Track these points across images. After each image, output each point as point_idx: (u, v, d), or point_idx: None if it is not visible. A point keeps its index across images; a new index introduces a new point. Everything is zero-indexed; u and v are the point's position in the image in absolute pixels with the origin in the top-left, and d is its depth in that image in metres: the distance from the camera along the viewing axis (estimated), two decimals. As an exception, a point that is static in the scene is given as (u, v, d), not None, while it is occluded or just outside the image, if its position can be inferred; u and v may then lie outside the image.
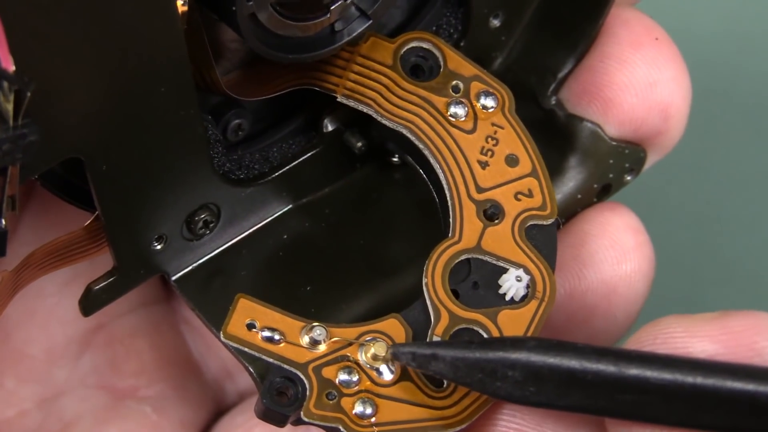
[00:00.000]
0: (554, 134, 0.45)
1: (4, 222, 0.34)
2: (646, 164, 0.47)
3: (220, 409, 0.47)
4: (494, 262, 0.39)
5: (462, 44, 0.44)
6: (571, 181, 0.45)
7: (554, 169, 0.44)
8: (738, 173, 0.68)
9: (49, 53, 0.32)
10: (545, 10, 0.45)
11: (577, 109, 0.44)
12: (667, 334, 0.36)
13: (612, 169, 0.45)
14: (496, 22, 0.45)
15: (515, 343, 0.36)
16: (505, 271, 0.39)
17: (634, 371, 0.34)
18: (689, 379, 0.34)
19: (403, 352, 0.37)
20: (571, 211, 0.46)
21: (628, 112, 0.44)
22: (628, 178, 0.46)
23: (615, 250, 0.44)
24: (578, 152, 0.45)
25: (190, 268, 0.42)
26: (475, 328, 0.39)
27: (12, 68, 0.31)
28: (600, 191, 0.46)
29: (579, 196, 0.45)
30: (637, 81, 0.44)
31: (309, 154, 0.43)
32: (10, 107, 0.31)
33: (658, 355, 0.35)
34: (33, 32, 0.31)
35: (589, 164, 0.45)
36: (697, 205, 0.67)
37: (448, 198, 0.40)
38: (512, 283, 0.39)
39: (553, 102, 0.45)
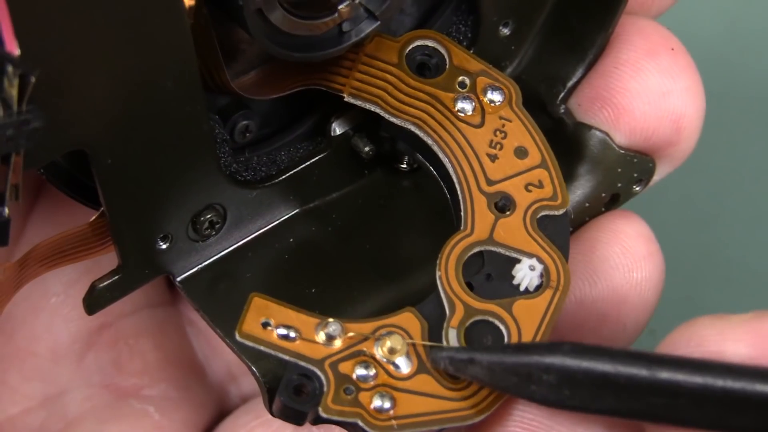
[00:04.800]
0: (563, 143, 0.45)
1: (6, 211, 0.33)
2: (656, 176, 0.46)
3: (222, 412, 0.47)
4: (507, 253, 0.39)
5: (471, 52, 0.44)
6: (580, 189, 0.45)
7: (563, 178, 0.44)
8: (738, 173, 0.67)
9: (53, 40, 0.32)
10: (555, 19, 0.45)
11: (588, 114, 0.44)
12: (701, 336, 0.36)
13: (620, 178, 0.45)
14: (505, 31, 0.45)
15: (550, 347, 0.36)
16: (518, 261, 0.39)
17: (665, 375, 0.34)
18: (719, 382, 0.34)
19: (441, 357, 0.37)
20: (579, 220, 0.45)
21: (640, 120, 0.44)
22: (637, 188, 0.46)
23: (626, 258, 0.43)
24: (587, 160, 0.45)
25: (195, 269, 0.42)
26: (491, 319, 0.38)
27: (17, 52, 0.31)
28: (609, 201, 0.46)
29: (587, 204, 0.45)
30: (650, 89, 0.44)
31: (317, 158, 0.43)
32: (14, 92, 0.31)
33: (690, 359, 0.35)
34: (39, 18, 0.32)
35: (598, 173, 0.45)
36: (698, 205, 0.67)
37: (459, 192, 0.40)
38: (526, 273, 0.39)
39: (562, 110, 0.45)
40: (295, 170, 0.43)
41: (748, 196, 0.67)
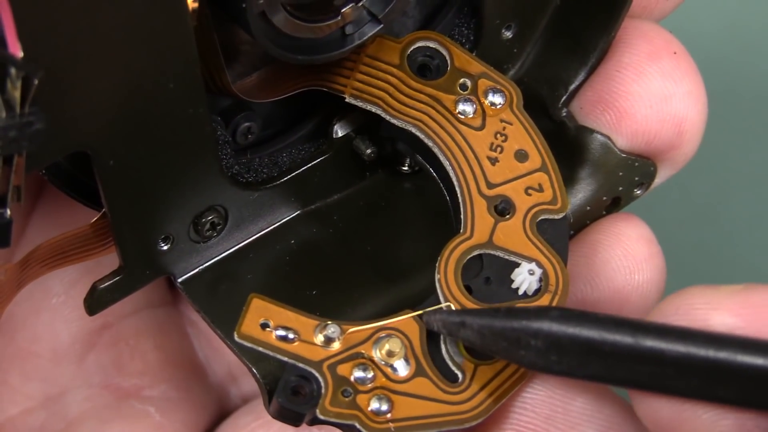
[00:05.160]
0: (564, 146, 0.45)
1: (8, 212, 0.34)
2: (657, 179, 0.47)
3: (223, 413, 0.47)
4: (506, 256, 0.40)
5: (473, 54, 0.44)
6: (581, 192, 0.45)
7: (564, 181, 0.44)
8: (739, 174, 0.67)
9: (56, 43, 0.32)
10: (558, 22, 0.45)
11: (590, 118, 0.44)
12: (689, 305, 0.36)
13: (622, 181, 0.45)
14: (508, 34, 0.45)
15: (538, 312, 0.36)
16: (518, 265, 0.39)
17: (650, 343, 0.34)
18: (702, 352, 0.34)
19: (435, 319, 0.38)
20: (580, 224, 0.45)
21: (642, 124, 0.44)
22: (638, 192, 0.46)
23: (628, 260, 0.44)
24: (588, 164, 0.45)
25: (196, 270, 0.42)
26: None
27: (20, 54, 0.31)
28: (610, 204, 0.46)
29: (588, 208, 0.45)
30: (652, 93, 0.44)
31: (318, 160, 0.43)
32: (17, 94, 0.31)
33: (674, 328, 0.35)
34: (42, 21, 0.32)
35: (599, 176, 0.45)
36: (698, 206, 0.67)
37: (459, 195, 0.40)
38: (525, 277, 0.39)
39: (564, 114, 0.45)
40: (296, 172, 0.43)
41: (748, 196, 0.67)
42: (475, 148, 0.41)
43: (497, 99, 0.42)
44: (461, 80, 0.42)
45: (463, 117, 0.41)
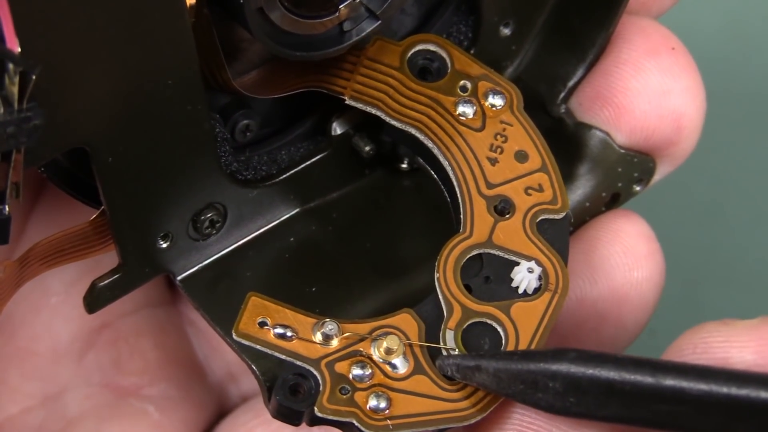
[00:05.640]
0: (563, 142, 0.45)
1: (7, 209, 0.34)
2: (656, 176, 0.47)
3: (222, 412, 0.47)
4: (506, 256, 0.39)
5: (472, 52, 0.44)
6: (580, 189, 0.45)
7: (563, 177, 0.44)
8: (738, 173, 0.67)
9: (54, 38, 0.32)
10: (555, 19, 0.45)
11: (589, 114, 0.44)
12: (707, 343, 0.36)
13: (621, 177, 0.45)
14: (506, 31, 0.45)
15: (556, 354, 0.36)
16: (517, 264, 0.39)
17: (670, 382, 0.34)
18: (723, 389, 0.34)
19: (448, 363, 0.38)
20: (579, 220, 0.45)
21: (640, 119, 0.44)
22: (638, 188, 0.46)
23: (627, 257, 0.44)
24: (587, 160, 0.45)
25: (195, 268, 0.42)
26: (489, 321, 0.39)
27: (17, 49, 0.31)
28: (609, 200, 0.46)
29: (587, 204, 0.45)
30: (651, 88, 0.44)
31: (317, 157, 0.43)
32: (15, 89, 0.31)
33: (695, 366, 0.35)
34: (40, 16, 0.32)
35: (598, 172, 0.45)
36: (698, 205, 0.67)
37: (459, 194, 0.40)
38: (524, 276, 0.39)
39: (563, 110, 0.45)
40: (295, 169, 0.43)
41: (748, 195, 0.67)
42: (474, 148, 0.41)
43: (497, 100, 0.42)
44: (461, 82, 0.42)
45: (463, 118, 0.41)
